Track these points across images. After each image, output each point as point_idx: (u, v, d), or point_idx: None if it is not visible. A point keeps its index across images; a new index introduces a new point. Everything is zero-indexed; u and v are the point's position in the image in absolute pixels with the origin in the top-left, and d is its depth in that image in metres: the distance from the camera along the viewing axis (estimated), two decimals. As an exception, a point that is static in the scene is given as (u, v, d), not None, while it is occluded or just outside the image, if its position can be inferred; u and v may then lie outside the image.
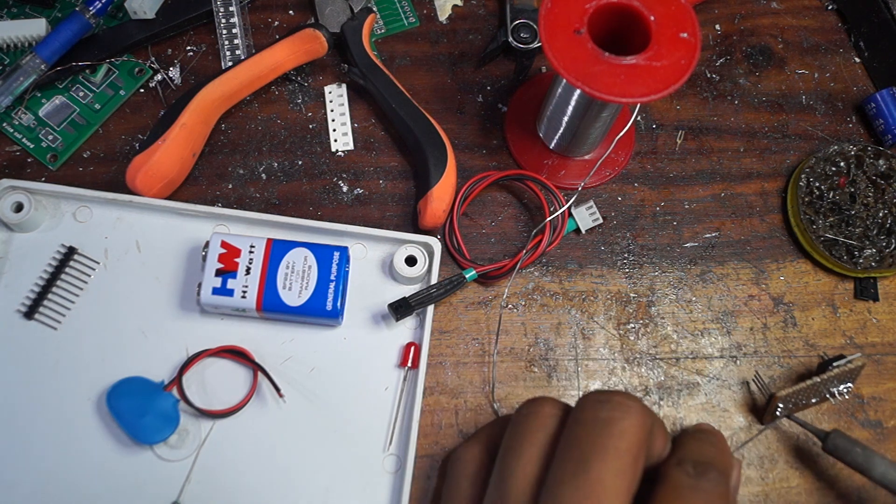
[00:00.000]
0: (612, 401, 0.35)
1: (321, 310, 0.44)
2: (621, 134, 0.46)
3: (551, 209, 0.48)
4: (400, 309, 0.44)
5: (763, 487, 0.46)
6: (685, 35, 0.39)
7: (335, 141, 0.51)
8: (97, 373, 0.44)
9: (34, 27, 0.50)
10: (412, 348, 0.45)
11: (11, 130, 0.50)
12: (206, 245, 0.44)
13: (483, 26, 0.54)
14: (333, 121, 0.51)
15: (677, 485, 0.34)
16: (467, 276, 0.46)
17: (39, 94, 0.50)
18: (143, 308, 0.46)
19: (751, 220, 0.51)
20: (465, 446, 0.40)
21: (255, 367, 0.45)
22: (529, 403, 0.37)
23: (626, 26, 0.40)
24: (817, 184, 0.50)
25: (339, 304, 0.44)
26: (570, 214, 0.49)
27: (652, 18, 0.39)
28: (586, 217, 0.49)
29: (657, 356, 0.48)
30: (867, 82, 0.55)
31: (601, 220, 0.49)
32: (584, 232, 0.50)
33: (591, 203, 0.49)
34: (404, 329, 0.46)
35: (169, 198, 0.48)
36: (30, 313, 0.45)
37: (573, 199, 0.47)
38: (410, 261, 0.46)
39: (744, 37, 0.55)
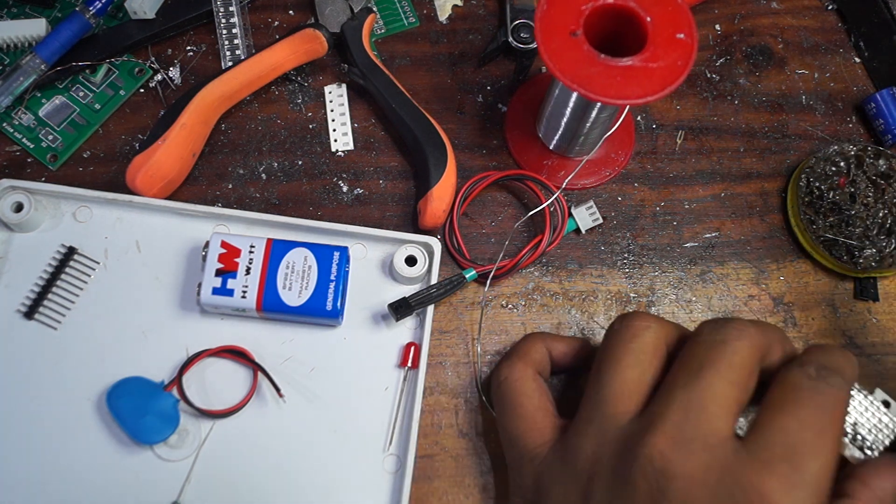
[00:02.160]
0: (728, 325, 0.36)
1: (321, 310, 0.44)
2: (608, 135, 0.46)
3: (551, 210, 0.48)
4: (400, 309, 0.44)
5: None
6: (682, 36, 0.39)
7: (335, 141, 0.51)
8: (97, 373, 0.44)
9: (34, 27, 0.50)
10: (412, 348, 0.45)
11: (11, 130, 0.50)
12: (206, 245, 0.44)
13: (483, 26, 0.54)
14: (333, 121, 0.51)
15: (795, 384, 0.35)
16: (467, 276, 0.46)
17: (39, 94, 0.50)
18: (143, 308, 0.46)
19: (751, 220, 0.51)
20: (514, 366, 0.42)
21: (255, 367, 0.45)
22: (621, 318, 0.40)
23: (623, 27, 0.40)
24: (817, 184, 0.50)
25: (339, 304, 0.44)
26: (570, 214, 0.49)
27: (648, 19, 0.39)
28: (586, 217, 0.49)
29: (657, 356, 0.48)
30: (867, 82, 0.55)
31: (601, 220, 0.49)
32: (583, 232, 0.50)
33: (591, 203, 0.49)
34: (404, 329, 0.46)
35: (169, 198, 0.48)
36: (30, 313, 0.45)
37: (559, 194, 0.47)
38: (410, 261, 0.46)
39: (744, 37, 0.55)
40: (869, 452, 0.37)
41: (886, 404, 0.38)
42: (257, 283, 0.44)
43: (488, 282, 0.47)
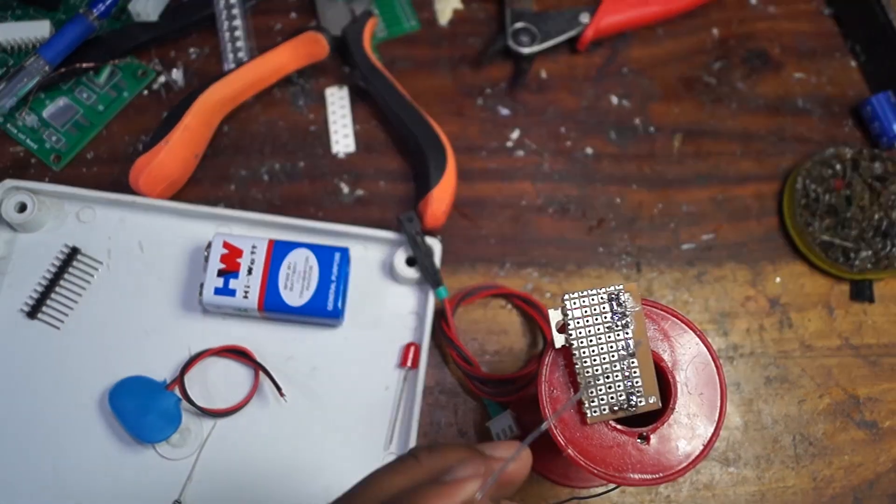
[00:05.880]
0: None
1: (322, 310, 0.44)
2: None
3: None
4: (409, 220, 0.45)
5: (759, 487, 0.46)
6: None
7: (336, 143, 0.51)
8: (100, 372, 0.45)
9: (38, 29, 0.50)
10: (412, 348, 0.46)
11: (15, 131, 0.50)
12: (209, 245, 0.45)
13: (483, 30, 0.55)
14: (335, 123, 0.52)
15: None
16: (439, 291, 0.46)
17: (43, 96, 0.51)
18: (145, 308, 0.46)
19: (747, 222, 0.52)
20: None
21: (257, 367, 0.45)
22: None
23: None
24: (813, 186, 0.51)
25: (339, 304, 0.44)
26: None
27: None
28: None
29: (655, 357, 0.48)
30: (863, 86, 0.55)
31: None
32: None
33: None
34: (404, 329, 0.47)
35: (172, 199, 0.48)
36: (33, 313, 0.46)
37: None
38: (411, 261, 0.47)
39: (741, 41, 0.56)
40: None
41: None
42: (259, 283, 0.44)
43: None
